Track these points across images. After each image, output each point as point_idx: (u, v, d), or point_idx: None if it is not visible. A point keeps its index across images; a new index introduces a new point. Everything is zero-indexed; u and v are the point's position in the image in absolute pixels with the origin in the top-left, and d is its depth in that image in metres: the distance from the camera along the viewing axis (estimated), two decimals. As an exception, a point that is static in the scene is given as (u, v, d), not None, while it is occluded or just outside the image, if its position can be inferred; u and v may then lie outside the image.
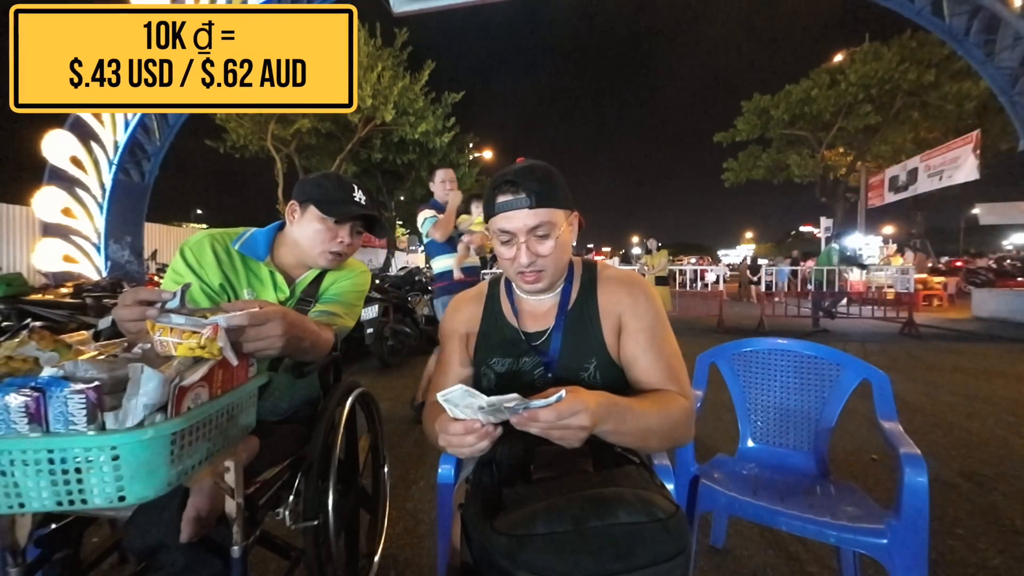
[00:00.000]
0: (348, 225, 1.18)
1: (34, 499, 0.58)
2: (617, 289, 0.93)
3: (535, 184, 0.84)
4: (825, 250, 8.14)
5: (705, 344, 1.65)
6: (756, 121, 17.53)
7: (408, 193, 18.15)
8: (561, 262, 0.91)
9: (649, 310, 0.90)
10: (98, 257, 6.83)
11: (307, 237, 1.16)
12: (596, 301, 0.93)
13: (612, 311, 0.91)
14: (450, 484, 1.05)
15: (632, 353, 0.88)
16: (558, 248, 0.88)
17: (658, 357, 0.87)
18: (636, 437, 0.76)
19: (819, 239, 16.23)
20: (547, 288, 0.93)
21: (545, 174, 0.87)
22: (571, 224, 0.92)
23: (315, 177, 1.19)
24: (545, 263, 0.88)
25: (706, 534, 1.63)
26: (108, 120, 6.78)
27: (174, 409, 0.61)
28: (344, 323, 1.21)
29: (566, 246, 0.91)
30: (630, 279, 0.95)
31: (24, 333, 0.69)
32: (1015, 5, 5.91)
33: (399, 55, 12.90)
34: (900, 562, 1.01)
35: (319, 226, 1.14)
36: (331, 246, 1.16)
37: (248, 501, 0.88)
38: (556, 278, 0.93)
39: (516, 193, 0.84)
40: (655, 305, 0.92)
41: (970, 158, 10.99)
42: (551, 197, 0.85)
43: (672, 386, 0.86)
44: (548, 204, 0.85)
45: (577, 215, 0.93)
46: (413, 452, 2.45)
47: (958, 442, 2.57)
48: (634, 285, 0.93)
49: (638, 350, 0.88)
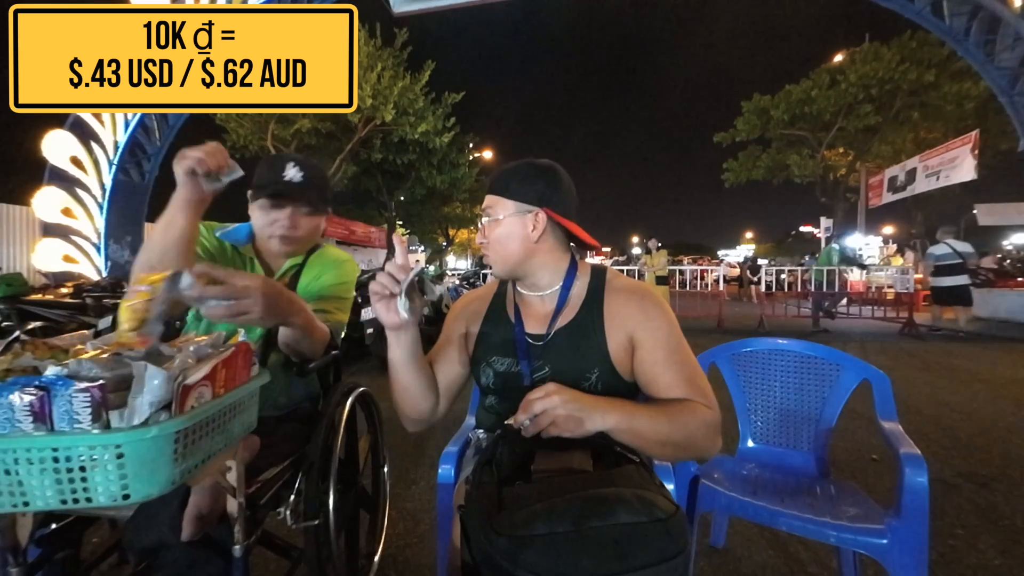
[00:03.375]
0: (288, 207, 1.13)
1: (38, 498, 0.58)
2: (627, 303, 0.91)
3: (497, 175, 0.95)
4: (825, 250, 8.15)
5: (705, 344, 1.65)
6: (756, 121, 17.50)
7: (408, 193, 18.14)
8: (505, 250, 0.92)
9: (663, 324, 0.89)
10: (98, 257, 6.84)
11: (257, 226, 1.16)
12: (602, 311, 0.91)
13: (621, 326, 0.89)
14: (450, 484, 1.05)
15: (651, 372, 0.87)
16: (499, 235, 0.91)
17: (679, 373, 0.86)
18: (650, 441, 0.78)
19: (819, 239, 16.23)
20: (506, 275, 0.97)
21: (516, 170, 0.93)
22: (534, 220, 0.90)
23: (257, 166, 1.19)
24: (488, 246, 0.94)
25: (706, 534, 1.63)
26: (108, 120, 6.78)
27: (178, 407, 0.61)
28: (336, 318, 1.19)
29: (510, 236, 0.91)
30: (640, 291, 0.93)
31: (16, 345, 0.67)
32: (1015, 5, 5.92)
33: (399, 55, 12.89)
34: (900, 562, 1.01)
35: (258, 212, 1.14)
36: (272, 230, 1.14)
37: (249, 500, 0.88)
38: (507, 265, 0.94)
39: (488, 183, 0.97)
40: (668, 317, 0.90)
41: (968, 158, 10.98)
42: (503, 187, 0.92)
43: (696, 398, 0.84)
44: (496, 192, 0.93)
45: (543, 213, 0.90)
46: (413, 452, 2.45)
47: (958, 442, 2.58)
48: (645, 299, 0.91)
49: (657, 368, 0.86)
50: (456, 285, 7.68)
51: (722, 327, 7.34)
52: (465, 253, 31.55)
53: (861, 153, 16.78)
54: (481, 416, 1.03)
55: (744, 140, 18.38)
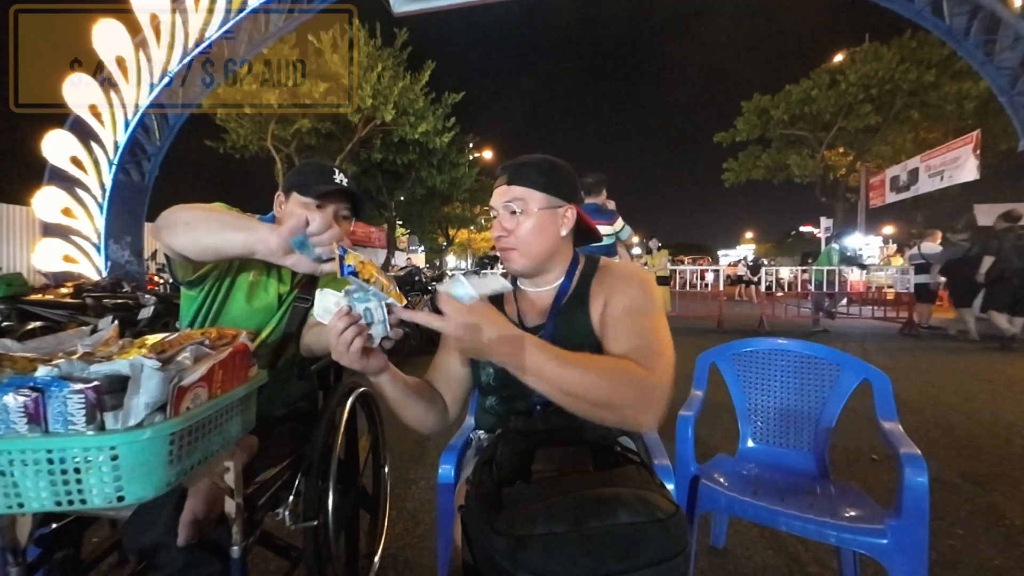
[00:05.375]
0: (331, 208, 1.15)
1: (33, 499, 0.58)
2: (610, 277, 0.93)
3: (518, 167, 0.92)
4: (825, 250, 8.14)
5: (705, 344, 1.65)
6: (756, 121, 17.50)
7: (408, 193, 18.14)
8: (535, 245, 0.91)
9: (638, 294, 0.87)
10: (98, 257, 6.82)
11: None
12: (588, 290, 0.93)
13: (600, 296, 0.90)
14: (450, 484, 1.05)
15: (607, 326, 0.85)
16: (530, 229, 0.90)
17: (630, 330, 0.82)
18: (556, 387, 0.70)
19: (819, 239, 16.21)
20: (527, 272, 0.95)
21: (540, 163, 0.92)
22: (564, 216, 0.93)
23: (298, 166, 1.20)
24: (514, 241, 0.91)
25: (706, 534, 1.63)
26: (108, 120, 6.76)
27: (173, 409, 0.61)
28: None
29: (543, 230, 0.91)
30: (627, 269, 0.95)
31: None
32: (1015, 5, 5.91)
33: (399, 55, 12.90)
34: (900, 562, 1.01)
35: (301, 211, 1.13)
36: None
37: (248, 501, 0.88)
38: (533, 262, 0.93)
39: (503, 175, 0.93)
40: (645, 290, 0.88)
41: (970, 158, 10.98)
42: (527, 178, 0.90)
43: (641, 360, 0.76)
44: (522, 183, 0.90)
45: (573, 209, 0.94)
46: (413, 452, 2.45)
47: (958, 442, 2.57)
48: (630, 274, 0.93)
49: (612, 322, 0.85)
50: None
51: (722, 327, 7.33)
52: (465, 253, 31.54)
53: (861, 153, 16.77)
54: (480, 417, 1.03)
55: (744, 140, 18.37)
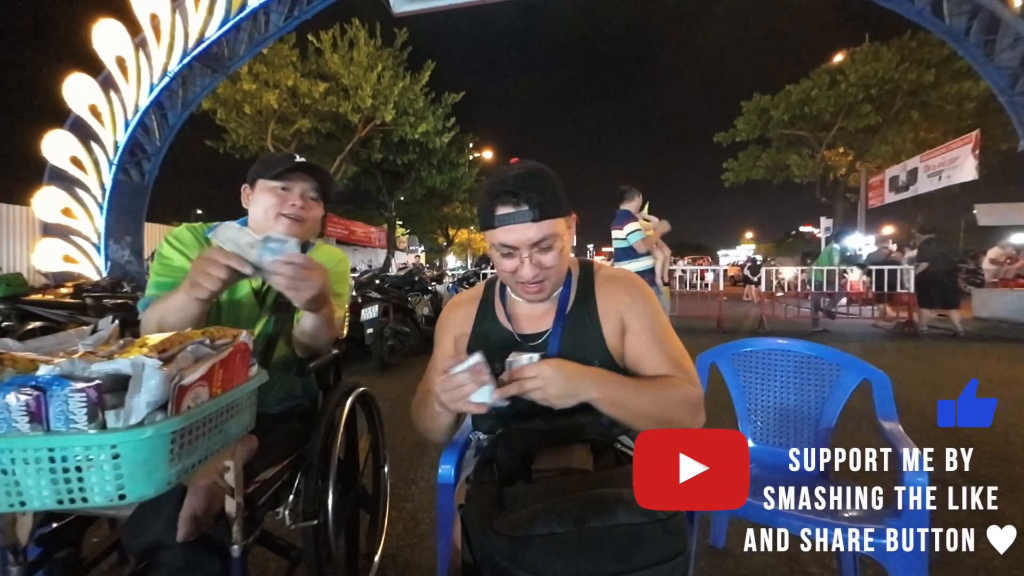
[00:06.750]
0: (298, 188, 1.16)
1: (35, 498, 0.58)
2: (616, 289, 0.94)
3: (536, 195, 0.81)
4: (825, 250, 8.14)
5: (705, 344, 1.65)
6: (756, 121, 17.51)
7: (408, 193, 18.15)
8: (563, 270, 0.92)
9: (649, 308, 0.92)
10: (98, 257, 6.82)
11: (262, 210, 1.15)
12: (595, 301, 0.93)
13: (613, 311, 0.92)
14: (450, 484, 1.05)
15: (638, 352, 0.89)
16: (562, 256, 0.89)
17: (664, 352, 0.89)
18: (634, 413, 0.79)
19: (819, 239, 16.21)
20: (549, 295, 0.93)
21: (543, 181, 0.84)
22: (570, 228, 0.92)
23: (260, 157, 1.22)
24: (548, 273, 0.87)
25: (706, 534, 1.63)
26: (108, 120, 6.76)
27: (174, 408, 0.61)
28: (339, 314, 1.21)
29: (566, 248, 0.91)
30: (627, 278, 0.96)
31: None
32: (1015, 5, 5.91)
33: (399, 55, 12.90)
34: (900, 562, 1.01)
35: (269, 195, 1.15)
36: (283, 209, 1.15)
37: (248, 500, 0.88)
38: (558, 285, 0.94)
39: (518, 205, 0.81)
40: (653, 302, 0.93)
41: (969, 158, 10.99)
42: (553, 207, 0.83)
43: (680, 376, 0.87)
44: (551, 215, 0.83)
45: (575, 216, 0.94)
46: (413, 452, 2.45)
47: (958, 442, 2.56)
48: (632, 284, 0.95)
49: (644, 349, 0.89)
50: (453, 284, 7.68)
51: (722, 327, 7.33)
52: (465, 253, 31.53)
53: (861, 153, 16.78)
54: (479, 418, 1.03)
55: (744, 140, 18.39)
